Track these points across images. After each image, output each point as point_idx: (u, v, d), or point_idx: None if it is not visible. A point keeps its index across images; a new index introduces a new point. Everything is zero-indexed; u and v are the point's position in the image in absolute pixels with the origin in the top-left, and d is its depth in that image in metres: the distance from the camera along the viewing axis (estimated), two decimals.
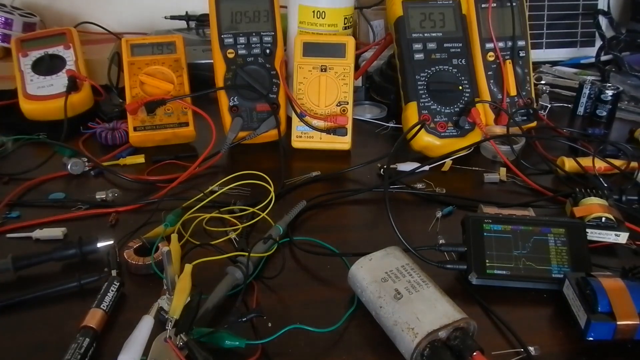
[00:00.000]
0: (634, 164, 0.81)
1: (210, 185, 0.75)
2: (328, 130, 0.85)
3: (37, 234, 0.65)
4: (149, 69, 0.87)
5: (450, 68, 0.87)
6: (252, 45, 0.87)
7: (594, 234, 0.66)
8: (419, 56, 0.87)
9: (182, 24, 1.25)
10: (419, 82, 0.85)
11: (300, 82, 0.87)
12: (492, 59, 0.91)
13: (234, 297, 0.56)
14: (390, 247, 0.58)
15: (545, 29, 1.29)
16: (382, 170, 0.82)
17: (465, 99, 0.86)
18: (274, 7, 0.88)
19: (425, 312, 0.49)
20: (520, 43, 0.93)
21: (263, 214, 0.70)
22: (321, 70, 0.86)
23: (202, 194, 0.73)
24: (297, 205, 0.71)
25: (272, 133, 0.86)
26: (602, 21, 1.29)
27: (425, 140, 0.83)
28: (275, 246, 0.64)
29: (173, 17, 1.25)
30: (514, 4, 0.92)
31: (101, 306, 0.53)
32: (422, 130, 0.82)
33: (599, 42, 1.27)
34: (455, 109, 0.85)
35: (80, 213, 0.70)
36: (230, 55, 0.86)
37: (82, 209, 0.71)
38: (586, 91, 1.04)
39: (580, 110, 1.05)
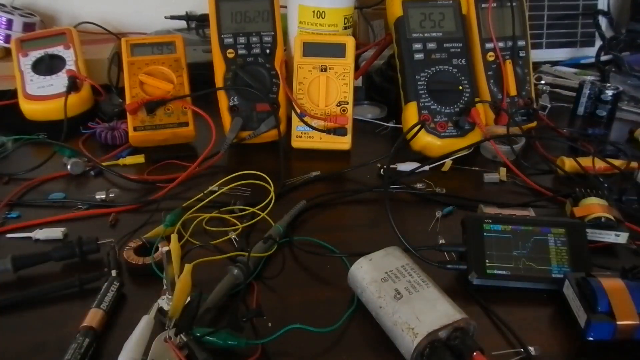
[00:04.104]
0: (633, 164, 0.81)
1: (210, 185, 0.75)
2: (328, 130, 0.85)
3: (37, 234, 0.65)
4: (149, 69, 0.87)
5: (450, 68, 0.87)
6: (252, 45, 0.87)
7: (594, 234, 0.66)
8: (419, 56, 0.87)
9: (182, 24, 1.25)
10: (419, 82, 0.85)
11: (300, 82, 0.87)
12: (492, 59, 0.91)
13: (234, 297, 0.56)
14: (390, 247, 0.58)
15: (545, 29, 1.29)
16: (382, 170, 0.82)
17: (465, 99, 0.86)
18: (274, 7, 0.88)
19: (425, 312, 0.49)
20: (520, 43, 0.93)
21: (263, 214, 0.70)
22: (321, 70, 0.86)
23: (202, 194, 0.73)
24: (297, 205, 0.71)
25: (272, 133, 0.86)
26: (602, 21, 1.29)
27: (425, 140, 0.83)
28: (275, 246, 0.64)
29: (173, 17, 1.25)
30: (514, 4, 0.92)
31: (101, 306, 0.53)
32: (422, 130, 0.82)
33: (599, 42, 1.27)
34: (455, 109, 0.85)
35: (80, 213, 0.70)
36: (230, 55, 0.86)
37: (82, 209, 0.71)
38: (586, 91, 1.04)
39: (580, 110, 1.05)
